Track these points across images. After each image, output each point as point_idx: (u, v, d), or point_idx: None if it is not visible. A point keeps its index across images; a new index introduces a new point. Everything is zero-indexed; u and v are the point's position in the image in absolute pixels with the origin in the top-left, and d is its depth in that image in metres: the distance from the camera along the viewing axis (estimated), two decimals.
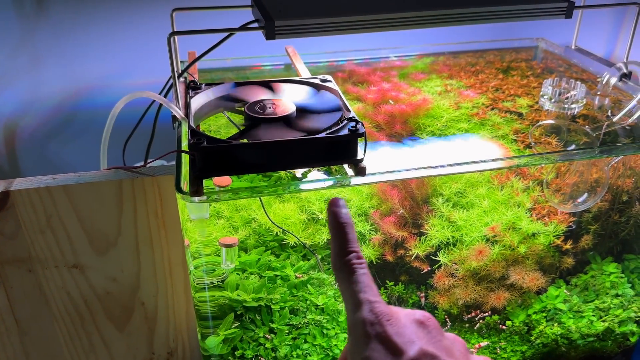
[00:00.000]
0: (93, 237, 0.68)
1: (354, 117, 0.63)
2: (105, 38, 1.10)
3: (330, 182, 0.67)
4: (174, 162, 0.76)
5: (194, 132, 0.59)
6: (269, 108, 0.66)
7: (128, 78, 1.14)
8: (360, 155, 0.62)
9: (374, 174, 0.65)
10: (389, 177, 0.66)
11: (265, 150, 0.59)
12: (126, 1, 1.07)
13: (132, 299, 0.74)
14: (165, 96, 0.85)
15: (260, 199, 0.75)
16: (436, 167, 0.68)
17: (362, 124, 0.61)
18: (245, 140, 0.61)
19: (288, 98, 0.69)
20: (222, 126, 0.85)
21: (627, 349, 0.94)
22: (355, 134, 0.60)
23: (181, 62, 0.85)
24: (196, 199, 0.60)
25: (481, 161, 0.71)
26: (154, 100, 0.78)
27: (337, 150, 0.61)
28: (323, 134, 0.60)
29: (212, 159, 0.58)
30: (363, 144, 0.62)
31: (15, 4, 1.01)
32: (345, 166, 0.66)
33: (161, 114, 0.88)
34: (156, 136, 0.89)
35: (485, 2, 0.77)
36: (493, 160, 0.73)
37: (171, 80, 0.88)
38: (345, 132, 0.61)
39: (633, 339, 0.93)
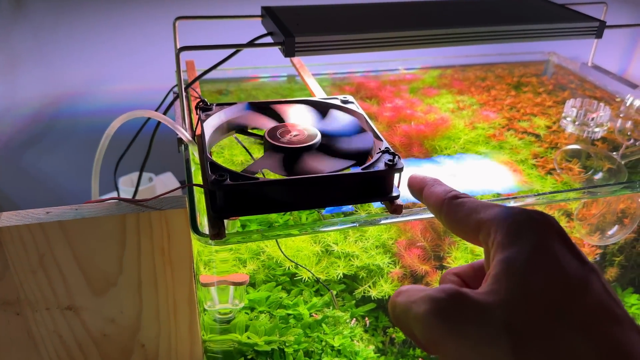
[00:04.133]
0: (91, 277, 0.60)
1: (390, 149, 0.57)
2: (89, 40, 1.01)
3: (362, 221, 0.61)
4: (178, 191, 0.69)
5: (214, 166, 0.52)
6: (291, 134, 0.59)
7: (113, 84, 1.06)
8: (396, 192, 0.56)
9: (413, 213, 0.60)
10: (425, 215, 0.61)
11: (298, 187, 0.52)
12: (114, 1, 0.99)
13: (131, 341, 0.66)
14: (164, 113, 0.78)
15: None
16: None
17: (399, 157, 0.55)
18: (270, 173, 0.55)
19: (307, 121, 0.63)
20: (226, 147, 0.78)
21: None
22: (392, 169, 0.54)
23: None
24: (212, 242, 0.53)
25: (525, 196, 0.66)
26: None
27: (371, 186, 0.55)
28: (358, 169, 0.54)
29: (236, 197, 0.51)
30: (398, 178, 0.56)
31: None
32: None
33: (152, 125, 0.80)
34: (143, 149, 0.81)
35: (514, 20, 0.73)
36: (551, 192, 0.68)
37: (170, 95, 0.81)
38: (381, 166, 0.54)
39: None
